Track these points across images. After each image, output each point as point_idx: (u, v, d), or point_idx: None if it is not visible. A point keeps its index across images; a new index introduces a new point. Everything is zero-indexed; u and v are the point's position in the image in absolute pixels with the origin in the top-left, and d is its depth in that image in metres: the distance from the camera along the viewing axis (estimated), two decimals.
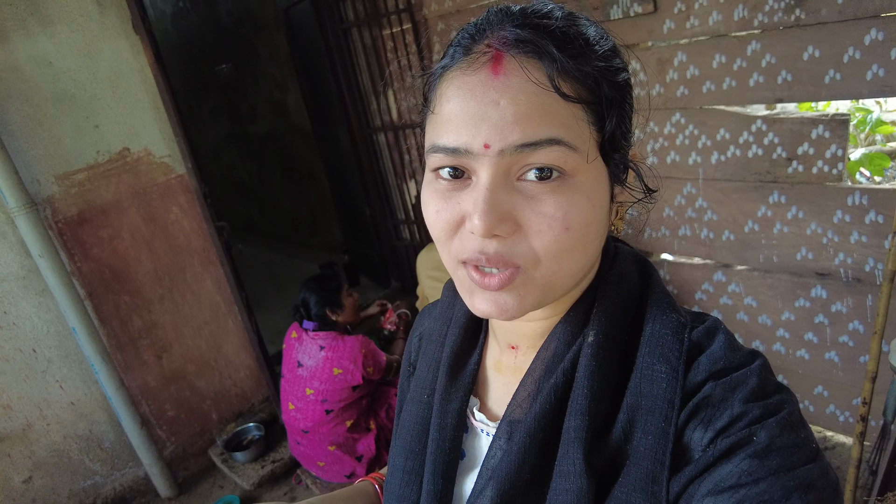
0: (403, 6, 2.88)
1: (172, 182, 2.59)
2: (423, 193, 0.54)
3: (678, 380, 0.50)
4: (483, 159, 0.47)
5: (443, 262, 0.56)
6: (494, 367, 0.65)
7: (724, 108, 1.91)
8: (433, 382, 0.66)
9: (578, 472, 0.49)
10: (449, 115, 0.49)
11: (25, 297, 2.26)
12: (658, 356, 0.51)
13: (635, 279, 0.58)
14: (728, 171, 1.96)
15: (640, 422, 0.50)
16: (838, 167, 1.74)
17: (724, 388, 0.48)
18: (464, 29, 0.53)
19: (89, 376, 2.44)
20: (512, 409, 0.57)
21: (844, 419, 2.00)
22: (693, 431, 0.48)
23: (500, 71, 0.47)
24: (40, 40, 2.17)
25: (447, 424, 0.61)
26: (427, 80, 0.55)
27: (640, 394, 0.50)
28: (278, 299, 4.28)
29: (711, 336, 0.53)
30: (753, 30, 1.75)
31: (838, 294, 1.85)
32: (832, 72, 1.65)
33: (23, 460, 2.35)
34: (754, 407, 0.47)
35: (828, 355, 1.95)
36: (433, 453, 0.61)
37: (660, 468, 0.48)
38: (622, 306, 0.56)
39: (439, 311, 0.72)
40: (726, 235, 2.05)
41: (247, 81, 4.80)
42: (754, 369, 0.49)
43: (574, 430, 0.50)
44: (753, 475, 0.43)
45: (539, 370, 0.57)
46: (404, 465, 0.64)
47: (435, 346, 0.69)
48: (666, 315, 0.54)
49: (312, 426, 2.25)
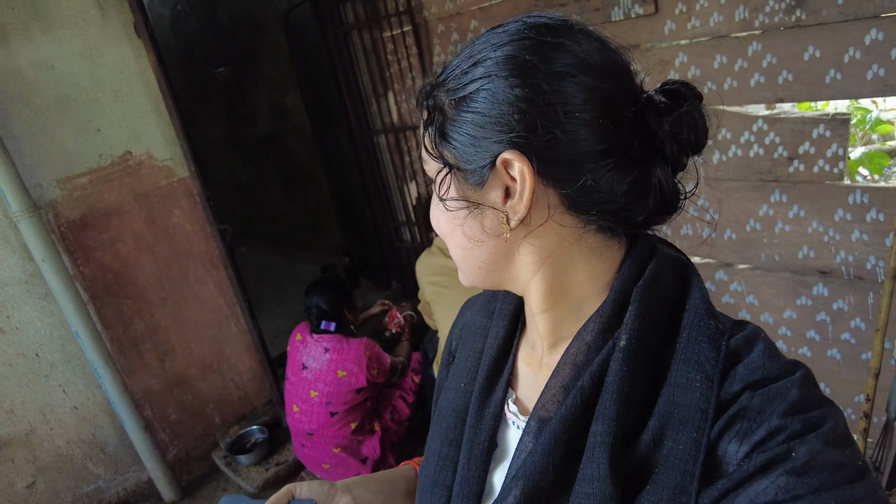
0: (403, 8, 2.88)
1: (175, 185, 2.59)
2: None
3: (713, 389, 0.48)
4: None
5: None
6: (525, 362, 0.65)
7: (726, 108, 1.93)
8: (473, 372, 0.67)
9: (603, 476, 0.48)
10: None
11: (28, 301, 2.26)
12: (693, 364, 0.50)
13: (672, 283, 0.56)
14: (729, 170, 1.98)
15: (671, 431, 0.48)
16: (839, 166, 1.75)
17: (762, 400, 0.46)
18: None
19: (92, 380, 2.44)
20: (540, 407, 0.57)
21: (847, 416, 2.01)
22: (728, 444, 0.46)
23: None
24: (42, 44, 2.18)
25: (486, 414, 0.62)
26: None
27: (672, 402, 0.49)
28: (279, 302, 4.28)
29: (751, 344, 0.51)
30: (754, 30, 1.76)
31: (840, 292, 1.86)
32: (833, 72, 1.66)
33: (26, 465, 2.34)
34: (794, 421, 0.44)
35: (830, 353, 1.96)
36: (469, 440, 0.62)
37: (689, 479, 0.46)
38: (658, 310, 0.53)
39: (481, 303, 0.74)
40: (728, 234, 2.06)
41: (246, 84, 4.80)
42: (795, 381, 0.47)
43: (601, 435, 0.49)
44: (791, 492, 0.42)
45: (567, 371, 0.56)
46: (440, 451, 0.66)
47: (475, 338, 0.70)
48: (703, 322, 0.52)
49: (317, 428, 2.25)
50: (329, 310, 2.27)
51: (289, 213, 5.27)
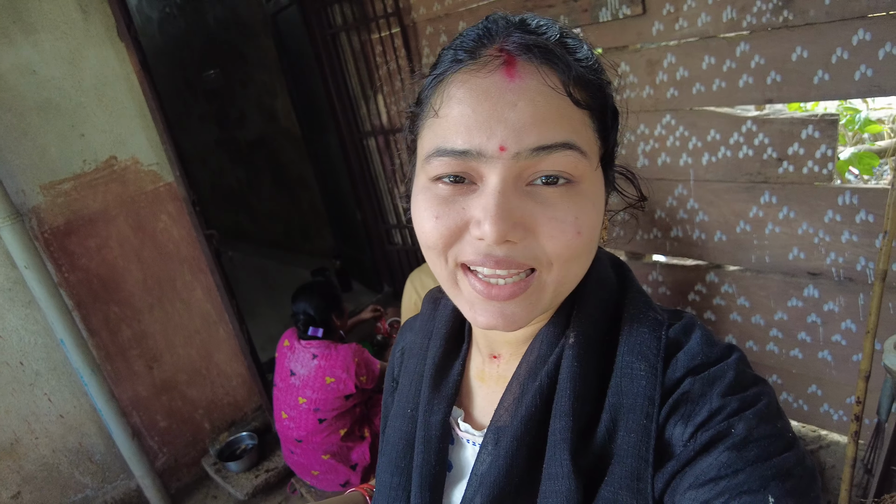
0: (392, 10, 2.86)
1: (161, 190, 2.56)
2: (416, 199, 0.52)
3: (657, 377, 0.51)
4: (496, 162, 0.46)
5: (434, 273, 0.55)
6: (478, 377, 0.65)
7: (715, 109, 1.91)
8: (416, 396, 0.66)
9: (566, 473, 0.49)
10: (458, 116, 0.48)
11: (11, 309, 2.23)
12: (637, 354, 0.52)
13: (612, 281, 0.59)
14: (719, 172, 1.96)
15: (622, 420, 0.50)
16: (828, 167, 1.74)
17: (703, 383, 0.49)
18: (465, 34, 0.52)
19: (78, 388, 2.41)
20: (499, 416, 0.57)
21: (839, 418, 2.00)
22: (674, 427, 0.49)
23: (516, 74, 0.47)
24: (24, 48, 2.14)
25: (431, 437, 0.61)
26: (425, 83, 0.54)
27: (620, 392, 0.51)
28: (270, 306, 4.25)
29: (688, 332, 0.54)
30: (742, 31, 1.75)
31: (830, 293, 1.85)
32: (821, 72, 1.65)
33: (11, 475, 2.31)
34: (732, 400, 0.47)
35: (821, 354, 1.95)
36: (419, 467, 0.61)
37: (644, 465, 0.48)
38: (601, 307, 0.56)
39: (420, 324, 0.72)
40: (718, 236, 2.05)
41: (235, 87, 4.77)
42: (731, 363, 0.50)
43: (560, 432, 0.51)
44: (732, 467, 0.44)
45: (524, 374, 0.57)
46: (391, 482, 0.64)
47: (417, 360, 0.68)
48: (643, 314, 0.55)
49: (306, 435, 2.22)
50: (316, 315, 2.24)
51: (279, 217, 5.24)
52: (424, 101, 0.53)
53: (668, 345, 0.52)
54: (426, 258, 0.53)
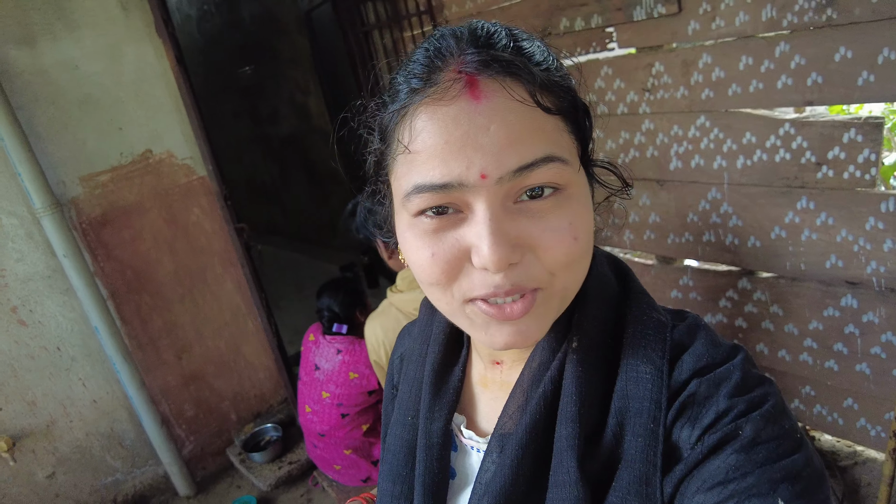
0: (424, 8, 2.86)
1: (194, 184, 2.62)
2: (405, 238, 0.51)
3: (663, 380, 0.50)
4: (480, 190, 0.45)
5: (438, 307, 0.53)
6: (480, 383, 0.64)
7: (751, 111, 1.86)
8: (416, 403, 0.65)
9: (574, 480, 0.48)
10: (432, 149, 0.45)
11: (51, 295, 2.31)
12: (641, 357, 0.51)
13: (612, 281, 0.58)
14: (754, 175, 1.90)
15: (629, 424, 0.49)
16: (871, 172, 1.67)
17: (709, 385, 0.48)
18: (413, 58, 0.50)
19: (111, 375, 2.48)
20: (503, 423, 0.56)
21: (876, 434, 1.92)
22: (681, 430, 0.48)
23: (481, 95, 0.45)
24: (67, 44, 2.21)
25: (433, 444, 0.60)
26: (385, 119, 0.51)
27: (626, 396, 0.50)
28: (299, 300, 4.31)
29: (693, 334, 0.53)
30: (782, 30, 1.70)
31: (870, 304, 1.78)
32: (865, 73, 1.58)
33: (46, 456, 2.39)
34: (739, 401, 0.47)
35: (858, 367, 1.87)
36: (421, 475, 0.60)
37: (652, 469, 0.47)
38: (602, 310, 0.55)
39: (418, 329, 0.71)
40: (752, 242, 1.98)
41: (268, 84, 4.85)
42: (737, 364, 0.50)
43: (566, 439, 0.50)
44: (741, 469, 0.44)
45: (527, 381, 0.56)
46: (392, 490, 0.63)
47: (416, 366, 0.67)
48: (647, 315, 0.54)
49: (328, 430, 2.24)
50: (341, 312, 2.26)
51: (311, 212, 5.31)
52: (389, 137, 0.51)
53: (672, 346, 0.52)
54: (428, 295, 0.52)
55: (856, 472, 1.99)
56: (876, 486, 1.88)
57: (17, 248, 2.21)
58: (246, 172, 5.87)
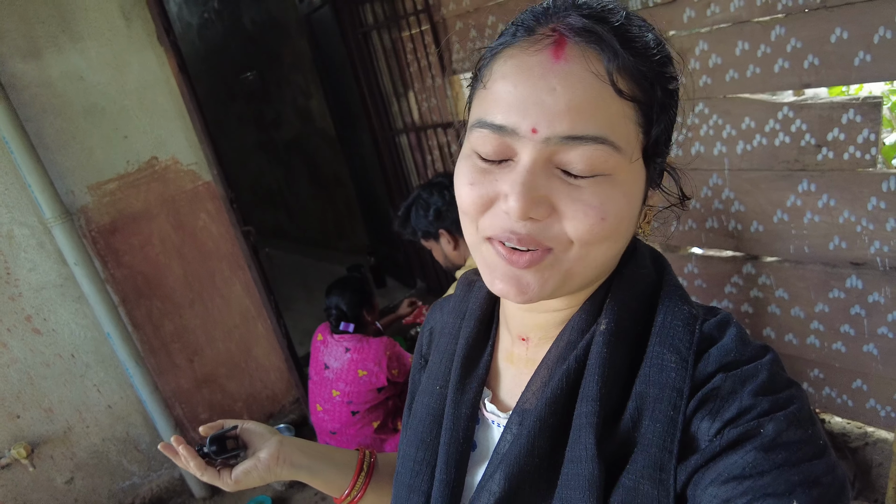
0: (422, 7, 2.88)
1: (200, 189, 2.65)
2: (459, 165, 0.54)
3: (687, 370, 0.50)
4: (527, 142, 0.47)
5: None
6: (506, 359, 0.65)
7: (749, 96, 1.86)
8: (446, 374, 0.67)
9: (590, 456, 0.49)
10: (501, 92, 0.49)
11: (63, 304, 2.34)
12: (668, 346, 0.52)
13: (650, 273, 0.58)
14: (754, 160, 1.91)
15: (648, 409, 0.50)
16: (871, 152, 1.67)
17: (734, 381, 0.48)
18: (529, 10, 0.52)
19: (125, 380, 2.52)
20: (525, 398, 0.57)
21: (886, 414, 1.92)
22: (701, 421, 0.48)
23: (562, 56, 0.47)
24: (71, 56, 2.25)
25: (461, 415, 0.62)
26: (483, 55, 0.55)
27: (648, 382, 0.51)
28: (307, 302, 4.34)
29: (723, 329, 0.53)
30: (777, 14, 1.70)
31: (875, 284, 1.78)
32: (862, 53, 1.59)
33: (64, 462, 2.43)
34: (763, 400, 0.47)
35: (866, 348, 1.87)
36: (446, 444, 0.61)
37: (667, 456, 0.48)
38: (635, 297, 0.56)
39: (452, 305, 0.73)
40: (755, 227, 1.99)
41: (272, 88, 4.88)
42: (765, 363, 0.49)
43: (586, 416, 0.51)
44: (758, 467, 0.43)
45: (553, 359, 0.57)
46: (415, 456, 0.65)
47: (448, 340, 0.69)
48: (678, 307, 0.54)
49: (340, 427, 2.27)
50: (348, 311, 2.28)
51: (316, 215, 5.34)
52: (479, 73, 0.54)
53: (701, 339, 0.52)
54: (461, 223, 0.55)
55: (867, 453, 1.99)
56: (887, 465, 1.88)
57: (30, 258, 2.25)
58: (252, 178, 5.91)
